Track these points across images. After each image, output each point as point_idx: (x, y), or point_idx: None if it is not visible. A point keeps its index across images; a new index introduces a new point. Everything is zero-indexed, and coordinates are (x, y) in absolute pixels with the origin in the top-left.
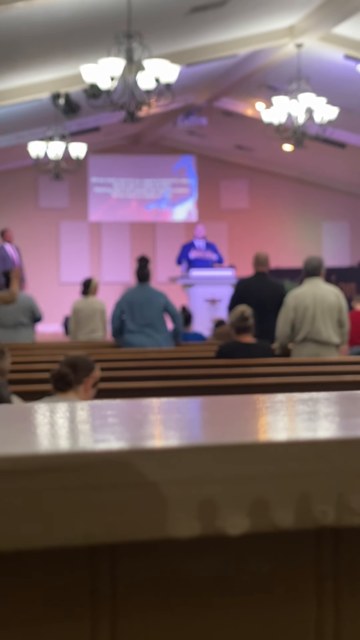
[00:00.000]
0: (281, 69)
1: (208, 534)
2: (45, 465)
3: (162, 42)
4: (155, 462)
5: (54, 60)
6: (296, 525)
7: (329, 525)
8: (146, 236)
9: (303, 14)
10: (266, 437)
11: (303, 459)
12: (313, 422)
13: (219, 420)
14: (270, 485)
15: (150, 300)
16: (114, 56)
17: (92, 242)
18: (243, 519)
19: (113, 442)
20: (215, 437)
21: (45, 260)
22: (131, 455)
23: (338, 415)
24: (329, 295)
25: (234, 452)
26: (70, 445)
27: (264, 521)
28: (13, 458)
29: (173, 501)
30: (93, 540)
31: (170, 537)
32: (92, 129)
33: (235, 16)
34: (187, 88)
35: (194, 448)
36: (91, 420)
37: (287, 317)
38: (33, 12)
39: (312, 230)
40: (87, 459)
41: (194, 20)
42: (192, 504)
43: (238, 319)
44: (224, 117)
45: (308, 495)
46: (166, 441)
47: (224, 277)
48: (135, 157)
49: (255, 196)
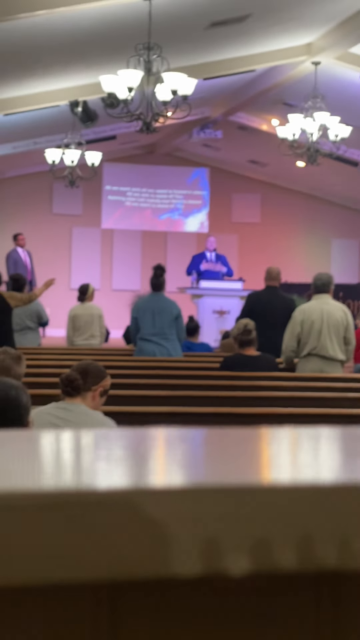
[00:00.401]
0: (297, 86)
1: (210, 574)
2: (48, 502)
3: (181, 55)
4: (158, 501)
5: (73, 69)
6: (297, 567)
7: (331, 568)
8: (157, 245)
9: (321, 33)
10: (270, 477)
11: (306, 501)
12: (317, 463)
13: (223, 456)
14: (273, 527)
15: (163, 310)
16: (132, 67)
17: (103, 249)
18: (245, 560)
19: (117, 479)
20: (220, 477)
21: (56, 265)
22: (134, 494)
23: (342, 456)
24: (337, 312)
25: (238, 494)
26: (74, 482)
27: (265, 562)
28: (14, 494)
29: (175, 540)
30: (95, 576)
31: (172, 575)
32: (108, 138)
33: (254, 32)
34: (204, 101)
35: (198, 488)
36: (95, 452)
37: (294, 331)
38: (54, 21)
39: (321, 247)
40: (91, 497)
41: (213, 34)
42: (194, 543)
43: (241, 332)
44: (238, 132)
45: (311, 538)
46: (170, 479)
47: (233, 289)
48: (149, 167)
49: (266, 210)
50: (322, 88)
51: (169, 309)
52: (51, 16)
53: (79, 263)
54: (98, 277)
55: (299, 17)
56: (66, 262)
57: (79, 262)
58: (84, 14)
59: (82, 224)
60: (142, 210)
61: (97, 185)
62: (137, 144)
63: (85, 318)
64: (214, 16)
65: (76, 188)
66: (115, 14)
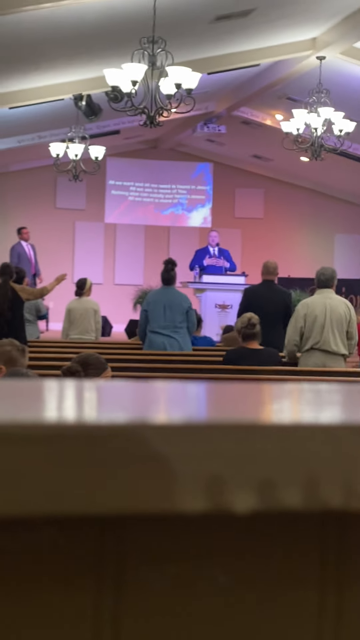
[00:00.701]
0: (302, 81)
1: (215, 510)
2: (50, 434)
3: (185, 49)
4: (163, 436)
5: (78, 63)
6: (303, 506)
7: (335, 508)
8: (160, 240)
9: (326, 27)
10: (274, 417)
11: (311, 440)
12: (321, 408)
13: (226, 401)
14: (277, 465)
15: (174, 303)
16: (137, 61)
17: (106, 244)
18: (250, 497)
19: (123, 415)
20: (225, 415)
21: (59, 259)
22: (139, 429)
23: (346, 403)
24: (340, 307)
25: (244, 431)
26: (80, 416)
27: (271, 501)
28: (21, 425)
29: (181, 476)
30: (100, 510)
31: (177, 511)
32: (111, 132)
33: (259, 26)
34: (208, 96)
35: (202, 424)
36: (100, 396)
37: (297, 325)
38: (59, 14)
39: (324, 242)
40: (97, 430)
41: (218, 28)
42: (200, 479)
43: (245, 325)
44: (242, 126)
45: (315, 477)
46: (175, 417)
47: (235, 283)
48: (153, 161)
49: (270, 205)
50: (326, 83)
51: (180, 302)
52: (56, 9)
53: (81, 257)
54: (101, 271)
55: (304, 11)
56: (69, 257)
57: (82, 257)
58: (89, 8)
59: (85, 219)
60: (146, 205)
61: (101, 180)
62: (141, 139)
63: (80, 312)
64: (218, 10)
65: (80, 182)
66: (120, 7)
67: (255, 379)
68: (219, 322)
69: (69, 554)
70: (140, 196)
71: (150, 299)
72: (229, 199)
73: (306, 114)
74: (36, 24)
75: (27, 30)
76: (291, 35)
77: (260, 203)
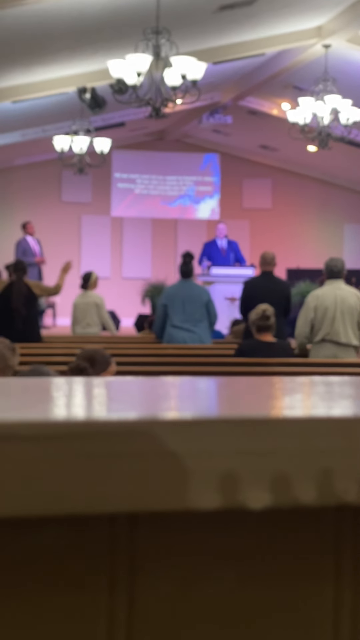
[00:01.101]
0: (308, 70)
1: (229, 507)
2: (60, 433)
3: (189, 39)
4: (176, 433)
5: (82, 55)
6: (317, 502)
7: (350, 502)
8: (168, 232)
9: (331, 15)
10: (287, 412)
11: (324, 435)
12: (334, 401)
13: (239, 396)
14: (291, 461)
15: (193, 296)
16: (141, 52)
17: (113, 237)
18: (264, 493)
19: (134, 412)
20: (237, 410)
21: (66, 253)
22: (152, 426)
23: (358, 396)
24: (350, 297)
25: (256, 426)
26: (90, 413)
27: (285, 496)
28: (31, 424)
29: (194, 473)
30: (112, 508)
31: (190, 508)
32: (117, 125)
33: (263, 15)
34: (213, 86)
35: (215, 420)
36: (111, 393)
37: (307, 317)
38: (62, 6)
39: (333, 232)
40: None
41: (222, 18)
42: (213, 476)
43: (259, 317)
44: (249, 116)
45: (329, 472)
46: (187, 413)
47: (244, 275)
48: (159, 153)
49: (277, 196)
50: (332, 71)
51: (199, 295)
52: (59, 2)
53: (88, 251)
54: (108, 265)
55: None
56: (76, 251)
57: (89, 251)
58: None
59: (91, 212)
60: (152, 197)
61: (107, 173)
62: (146, 131)
63: (82, 307)
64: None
65: (85, 175)
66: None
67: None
68: (228, 315)
69: (80, 554)
70: (147, 188)
71: (169, 292)
72: (237, 190)
73: (313, 102)
74: (38, 17)
75: (30, 23)
76: (296, 24)
77: (268, 193)
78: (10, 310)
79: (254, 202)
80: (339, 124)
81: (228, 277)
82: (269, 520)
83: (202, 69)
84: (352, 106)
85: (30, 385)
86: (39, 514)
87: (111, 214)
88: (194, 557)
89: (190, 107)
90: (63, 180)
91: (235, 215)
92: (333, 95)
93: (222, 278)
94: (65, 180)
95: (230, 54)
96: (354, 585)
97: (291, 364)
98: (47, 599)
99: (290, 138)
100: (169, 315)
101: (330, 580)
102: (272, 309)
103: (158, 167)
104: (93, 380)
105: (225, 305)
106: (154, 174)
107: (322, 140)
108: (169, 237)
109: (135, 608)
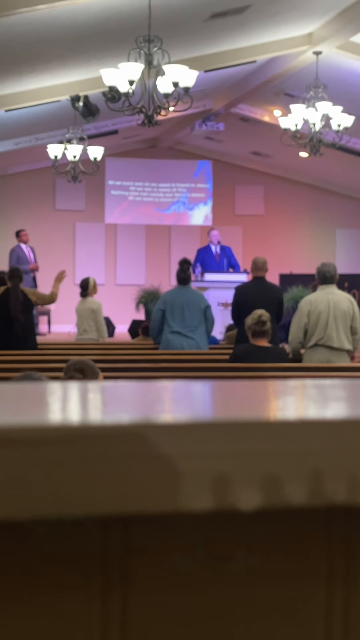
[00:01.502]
0: (299, 77)
1: (221, 509)
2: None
3: (181, 47)
4: (168, 435)
5: (74, 63)
6: (308, 503)
7: (340, 503)
8: (162, 239)
9: (322, 22)
10: (278, 414)
11: (315, 437)
12: (325, 403)
13: (231, 399)
14: (282, 462)
15: (191, 302)
16: (133, 60)
17: (107, 244)
18: (255, 495)
19: (126, 415)
20: (228, 412)
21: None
22: (143, 429)
23: (349, 398)
24: (343, 302)
25: (247, 428)
26: (83, 417)
27: (275, 497)
28: (25, 428)
29: (186, 475)
30: (105, 511)
31: (183, 510)
32: (109, 132)
33: (255, 23)
34: (205, 93)
35: (207, 423)
36: (104, 396)
37: (301, 322)
38: (54, 15)
39: (326, 237)
40: (100, 431)
41: (214, 26)
42: (205, 478)
43: (255, 322)
44: (241, 123)
45: (320, 473)
46: (179, 416)
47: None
48: (152, 161)
49: (270, 202)
50: (323, 78)
51: (197, 302)
52: (51, 10)
53: (82, 259)
54: (102, 272)
55: (299, 6)
56: (70, 258)
57: (83, 258)
58: (84, 8)
59: (85, 220)
60: (146, 204)
61: (100, 180)
62: (139, 138)
63: (80, 313)
64: (213, 7)
65: (79, 183)
66: (115, 7)
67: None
68: (221, 320)
69: (73, 557)
70: (140, 196)
71: (166, 298)
72: (229, 197)
73: (304, 109)
74: (31, 26)
75: (22, 32)
76: (287, 31)
77: (260, 200)
78: (8, 317)
79: (247, 208)
80: (330, 130)
81: (221, 283)
82: (260, 522)
83: (194, 76)
84: (343, 112)
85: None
86: (31, 517)
87: (105, 221)
88: (186, 559)
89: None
90: (57, 188)
91: (228, 222)
92: (324, 102)
93: (215, 284)
94: (59, 188)
95: (222, 61)
96: (345, 586)
97: (285, 369)
98: (39, 604)
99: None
100: (166, 321)
101: (322, 581)
102: (268, 314)
103: (151, 175)
104: (87, 385)
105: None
106: (147, 181)
107: (314, 146)
108: (163, 243)
109: (129, 611)
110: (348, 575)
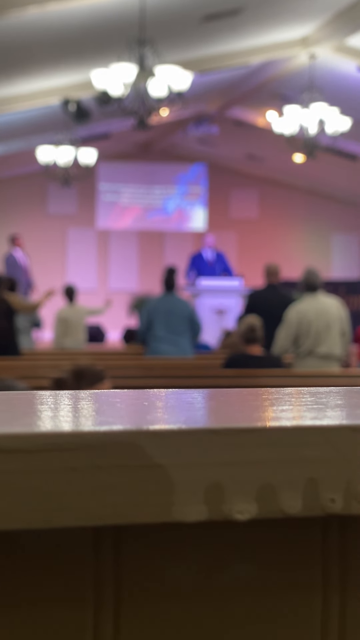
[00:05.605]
0: (294, 80)
1: (215, 519)
2: (46, 444)
3: (174, 49)
4: (161, 444)
5: (66, 66)
6: (304, 513)
7: (337, 513)
8: (154, 244)
9: (317, 25)
10: (274, 422)
11: (310, 445)
12: (321, 411)
13: (226, 407)
14: (277, 471)
15: (176, 309)
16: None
17: (99, 249)
18: (250, 505)
19: (119, 423)
20: (223, 422)
21: (52, 266)
22: (137, 437)
23: (346, 406)
24: (331, 308)
25: (241, 436)
26: (75, 425)
27: (271, 507)
28: (15, 436)
29: (179, 484)
30: (97, 521)
31: (176, 520)
32: (102, 136)
33: (249, 25)
34: (199, 96)
35: (201, 431)
36: (97, 405)
37: (289, 332)
38: (45, 18)
39: (321, 242)
40: (92, 439)
41: (207, 28)
42: (199, 487)
43: (247, 329)
44: (235, 127)
45: (316, 483)
46: (173, 424)
47: (231, 287)
48: (144, 164)
49: (265, 206)
50: (318, 81)
51: (182, 309)
52: (42, 13)
53: (74, 264)
54: (95, 278)
55: (294, 9)
56: (62, 263)
57: (75, 263)
58: (76, 11)
59: (77, 224)
60: (138, 208)
61: (92, 185)
62: (132, 142)
63: (74, 319)
64: (207, 9)
65: (70, 188)
66: (106, 10)
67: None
68: (215, 326)
69: (65, 568)
70: (133, 199)
71: (151, 305)
72: (223, 201)
73: (299, 112)
74: (22, 29)
75: (13, 35)
76: (281, 34)
77: (255, 204)
78: None
79: (241, 212)
80: (325, 134)
81: (215, 289)
82: (255, 532)
83: (187, 79)
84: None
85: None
86: (22, 527)
87: (97, 226)
88: (179, 570)
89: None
90: (48, 193)
91: (222, 226)
92: (319, 104)
93: (209, 290)
94: (51, 192)
95: (216, 63)
96: (341, 596)
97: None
98: (30, 615)
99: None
100: (152, 327)
101: (318, 591)
102: (260, 321)
103: (144, 178)
104: (78, 393)
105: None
106: (140, 185)
107: (309, 150)
108: (156, 248)
109: (121, 623)
110: (343, 586)
